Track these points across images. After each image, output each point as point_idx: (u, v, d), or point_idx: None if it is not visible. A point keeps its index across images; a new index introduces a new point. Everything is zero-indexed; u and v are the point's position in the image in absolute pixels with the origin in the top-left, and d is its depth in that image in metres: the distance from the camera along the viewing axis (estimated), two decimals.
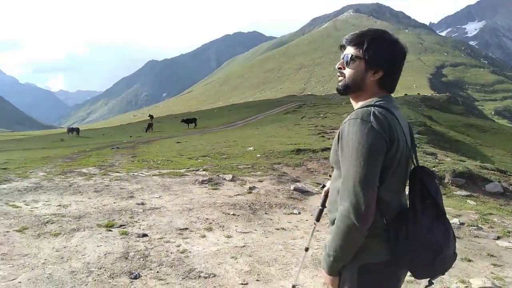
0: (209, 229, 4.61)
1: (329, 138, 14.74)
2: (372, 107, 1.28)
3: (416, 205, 1.28)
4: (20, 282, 3.11)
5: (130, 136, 30.87)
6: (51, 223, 4.56)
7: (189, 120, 37.83)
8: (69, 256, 3.66)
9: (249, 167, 9.10)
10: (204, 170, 8.61)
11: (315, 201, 6.09)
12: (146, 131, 35.02)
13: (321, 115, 31.08)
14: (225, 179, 7.49)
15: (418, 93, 69.75)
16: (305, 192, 6.80)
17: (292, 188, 6.87)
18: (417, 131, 21.10)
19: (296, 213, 5.49)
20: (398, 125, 1.29)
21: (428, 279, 1.34)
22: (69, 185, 6.49)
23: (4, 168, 8.48)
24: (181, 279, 3.30)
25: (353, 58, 1.38)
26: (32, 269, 3.35)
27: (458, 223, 5.12)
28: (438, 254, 1.25)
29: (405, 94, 63.17)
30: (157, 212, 5.21)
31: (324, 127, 19.54)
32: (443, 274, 1.35)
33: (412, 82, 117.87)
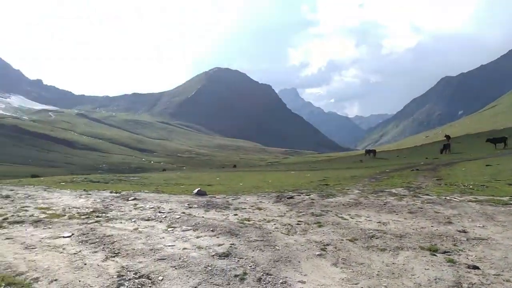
0: None
1: None
2: None
3: None
4: (362, 287, 3.52)
5: (426, 158, 29.61)
6: (376, 238, 4.97)
7: (497, 140, 32.28)
8: (399, 273, 3.82)
9: None
10: None
11: None
12: (441, 153, 32.73)
13: None
14: None
15: None
16: None
17: None
18: None
19: None
20: None
21: None
22: (383, 204, 6.90)
23: (326, 184, 10.12)
24: None
25: None
26: (369, 278, 3.72)
27: None
28: None
29: None
30: (484, 243, 4.63)
31: None
32: None
33: None
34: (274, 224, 5.83)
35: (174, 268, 3.92)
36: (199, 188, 9.20)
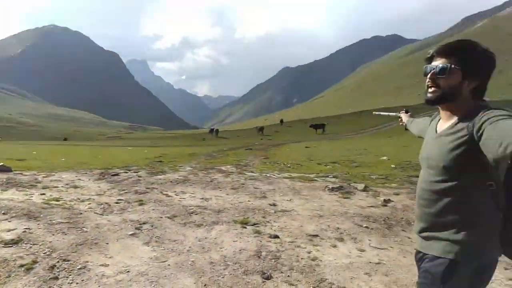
0: (341, 239, 4.38)
1: None
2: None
3: None
4: (169, 264, 3.46)
5: (261, 139, 32.58)
6: (195, 214, 5.03)
7: (318, 126, 37.82)
8: (209, 247, 3.93)
9: (382, 178, 8.48)
10: (334, 177, 8.37)
11: None
12: (259, 132, 38.15)
13: None
14: (356, 188, 7.12)
15: None
16: None
17: None
18: None
19: None
20: None
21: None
22: (211, 181, 7.10)
23: (160, 161, 9.87)
24: (311, 287, 3.18)
25: (450, 69, 1.40)
26: (179, 255, 3.70)
27: None
28: None
29: None
30: (287, 215, 5.24)
31: None
32: None
33: None
34: (89, 204, 5.27)
35: None
36: (1, 163, 7.61)
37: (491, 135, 1.16)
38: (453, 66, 1.40)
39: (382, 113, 3.37)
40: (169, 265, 3.46)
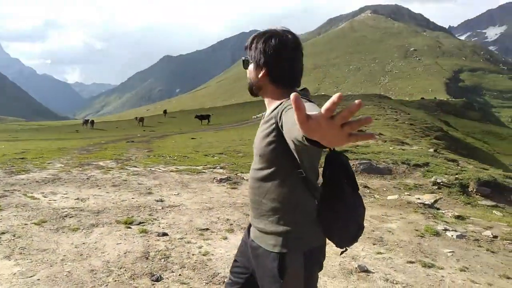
0: (231, 231, 4.44)
1: None
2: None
3: (338, 183, 1.29)
4: (38, 279, 2.98)
5: (144, 130, 31.01)
6: (70, 217, 4.46)
7: (203, 117, 37.86)
8: (89, 253, 3.53)
9: None
10: (221, 168, 8.46)
11: None
12: (138, 123, 37.13)
13: None
14: (243, 178, 7.33)
15: (435, 98, 68.59)
16: None
17: None
18: (434, 136, 20.66)
19: None
20: None
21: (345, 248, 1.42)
22: (87, 178, 6.41)
23: (22, 158, 8.49)
24: (204, 284, 3.13)
25: (246, 62, 1.48)
26: (51, 266, 3.23)
27: (491, 235, 4.86)
28: (360, 227, 1.36)
29: (422, 98, 62.16)
30: (176, 210, 5.07)
31: None
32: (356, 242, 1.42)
33: (428, 86, 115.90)
34: None
35: None
36: None
37: (286, 122, 1.17)
38: (247, 58, 1.47)
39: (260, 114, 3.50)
40: (38, 279, 2.98)
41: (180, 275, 3.25)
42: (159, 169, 7.85)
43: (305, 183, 1.36)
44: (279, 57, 1.37)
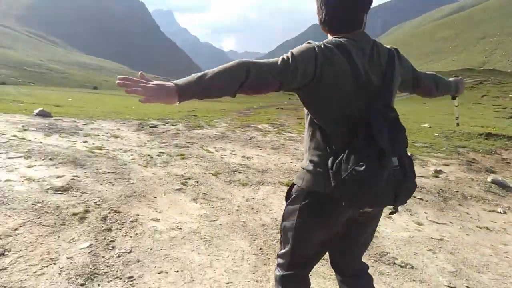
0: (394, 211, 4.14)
1: None
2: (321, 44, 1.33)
3: (355, 141, 1.27)
4: (220, 224, 3.34)
5: (289, 98, 31.94)
6: (239, 172, 4.87)
7: None
8: (258, 208, 3.78)
9: (427, 146, 8.06)
10: None
11: None
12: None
13: (510, 95, 25.59)
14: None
15: None
16: (506, 188, 5.55)
17: (489, 180, 5.69)
18: None
19: (500, 212, 4.48)
20: (343, 58, 1.28)
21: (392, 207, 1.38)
22: (249, 139, 6.90)
23: (195, 115, 9.70)
24: (372, 261, 3.00)
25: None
26: (229, 214, 3.57)
27: None
28: (364, 186, 1.23)
29: None
30: None
31: None
32: (377, 206, 1.34)
33: None
34: (132, 155, 5.19)
35: None
36: (41, 108, 7.62)
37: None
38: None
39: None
40: (220, 224, 3.34)
41: None
42: None
43: (321, 132, 1.36)
44: (328, 5, 1.38)
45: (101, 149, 5.27)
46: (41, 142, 5.23)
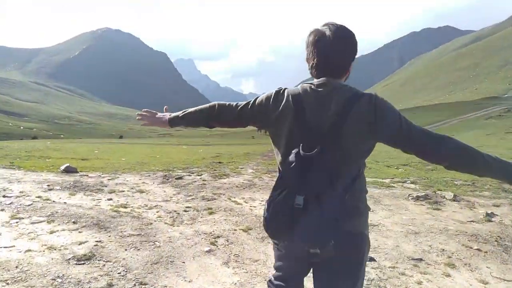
0: (452, 266, 3.63)
1: None
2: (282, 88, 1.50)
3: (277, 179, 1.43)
4: None
5: None
6: None
7: None
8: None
9: (468, 184, 7.47)
10: (411, 182, 7.50)
11: None
12: None
13: None
14: (444, 197, 6.24)
15: None
16: None
17: None
18: None
19: None
20: (289, 101, 1.41)
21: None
22: None
23: (219, 162, 9.51)
24: None
25: None
26: (264, 280, 3.19)
27: None
28: (266, 219, 1.41)
29: None
30: (376, 230, 4.56)
31: None
32: (273, 238, 1.57)
33: None
34: (157, 212, 4.94)
35: (4, 285, 2.77)
36: (68, 164, 7.62)
37: None
38: None
39: None
40: None
41: None
42: None
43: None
44: (308, 51, 1.45)
45: (126, 207, 5.06)
46: (65, 202, 5.08)
